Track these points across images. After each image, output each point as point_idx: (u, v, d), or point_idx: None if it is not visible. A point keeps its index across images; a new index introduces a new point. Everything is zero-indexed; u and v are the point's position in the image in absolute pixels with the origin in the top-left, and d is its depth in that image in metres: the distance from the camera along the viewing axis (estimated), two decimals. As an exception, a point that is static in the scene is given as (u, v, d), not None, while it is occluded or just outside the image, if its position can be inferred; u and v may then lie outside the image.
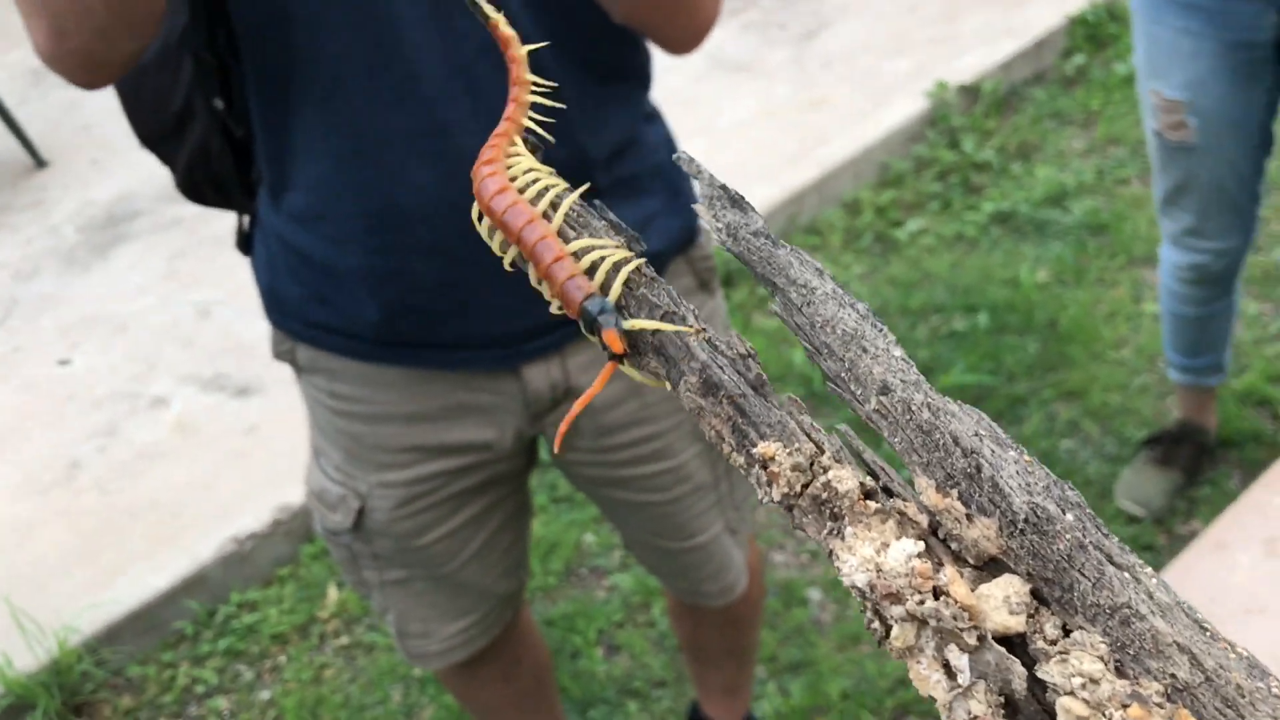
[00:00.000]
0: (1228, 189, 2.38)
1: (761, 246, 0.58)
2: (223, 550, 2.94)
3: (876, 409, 0.51)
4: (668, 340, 0.57)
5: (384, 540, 1.64)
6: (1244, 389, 3.11)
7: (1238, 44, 2.17)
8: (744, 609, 2.04)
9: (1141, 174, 4.10)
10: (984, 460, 0.46)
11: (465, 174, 1.32)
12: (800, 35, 5.04)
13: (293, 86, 1.33)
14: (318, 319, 1.51)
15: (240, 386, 3.44)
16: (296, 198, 1.42)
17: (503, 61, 1.29)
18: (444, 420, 1.55)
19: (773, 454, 0.51)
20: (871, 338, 0.53)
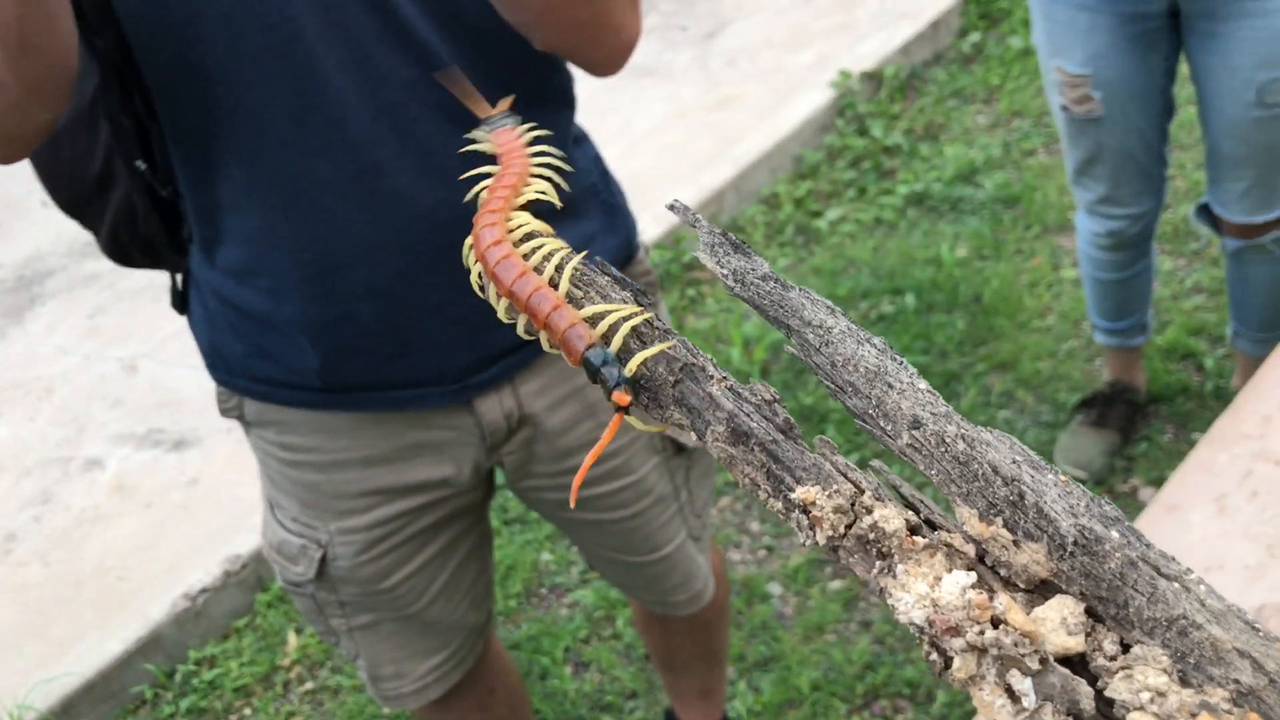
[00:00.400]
0: (1136, 156, 2.45)
1: (771, 290, 0.59)
2: (175, 608, 2.88)
3: (910, 444, 0.51)
4: (690, 392, 0.58)
5: (349, 587, 1.63)
6: (1167, 344, 3.21)
7: (1133, 15, 2.24)
8: (711, 613, 2.06)
9: (1047, 144, 4.20)
10: (1026, 487, 0.48)
11: (399, 215, 1.33)
12: (702, 36, 5.08)
13: (216, 142, 1.31)
14: (262, 373, 1.49)
15: (176, 440, 3.38)
16: (230, 252, 1.41)
17: (428, 97, 1.31)
18: (400, 461, 1.54)
19: (813, 499, 0.52)
20: (895, 372, 0.54)
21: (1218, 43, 2.19)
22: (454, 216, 1.35)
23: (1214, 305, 3.33)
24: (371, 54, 1.28)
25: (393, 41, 1.28)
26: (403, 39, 1.28)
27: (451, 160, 1.30)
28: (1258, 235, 2.48)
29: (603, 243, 1.56)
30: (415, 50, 1.29)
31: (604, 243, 1.56)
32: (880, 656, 2.60)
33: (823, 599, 2.75)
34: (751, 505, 3.03)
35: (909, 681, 2.53)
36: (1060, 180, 3.97)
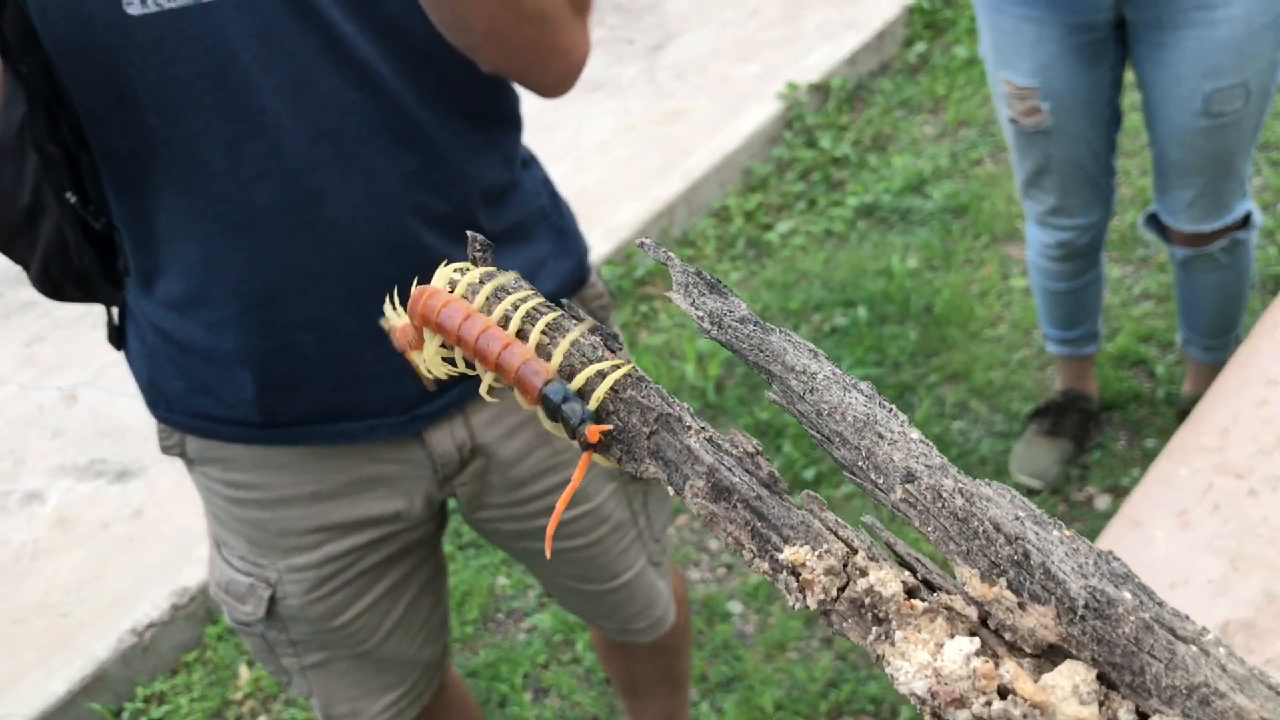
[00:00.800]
0: (1085, 166, 2.46)
1: (751, 334, 0.56)
2: (121, 645, 2.80)
3: (904, 498, 0.49)
4: (666, 443, 0.55)
5: (300, 625, 1.58)
6: (1118, 352, 3.23)
7: (1079, 26, 2.25)
8: (673, 638, 2.02)
9: (993, 153, 4.22)
10: (1031, 545, 0.45)
11: (341, 243, 1.29)
12: (648, 49, 5.07)
13: (149, 171, 1.26)
14: (203, 409, 1.44)
15: (119, 470, 3.29)
16: (168, 285, 1.36)
17: (370, 120, 1.27)
18: (348, 496, 1.49)
19: (803, 560, 0.49)
20: (885, 421, 0.51)
21: (1165, 52, 2.20)
22: (398, 243, 1.32)
23: (1162, 312, 3.35)
24: (310, 76, 1.23)
25: (333, 63, 1.23)
26: (343, 60, 1.24)
27: (394, 185, 1.30)
28: (1206, 244, 2.50)
29: (554, 266, 1.52)
30: (356, 71, 1.25)
31: (555, 266, 1.53)
32: (843, 673, 2.58)
33: (784, 616, 2.72)
34: (709, 523, 3.01)
35: (872, 698, 2.51)
36: (1007, 190, 3.99)
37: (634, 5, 5.47)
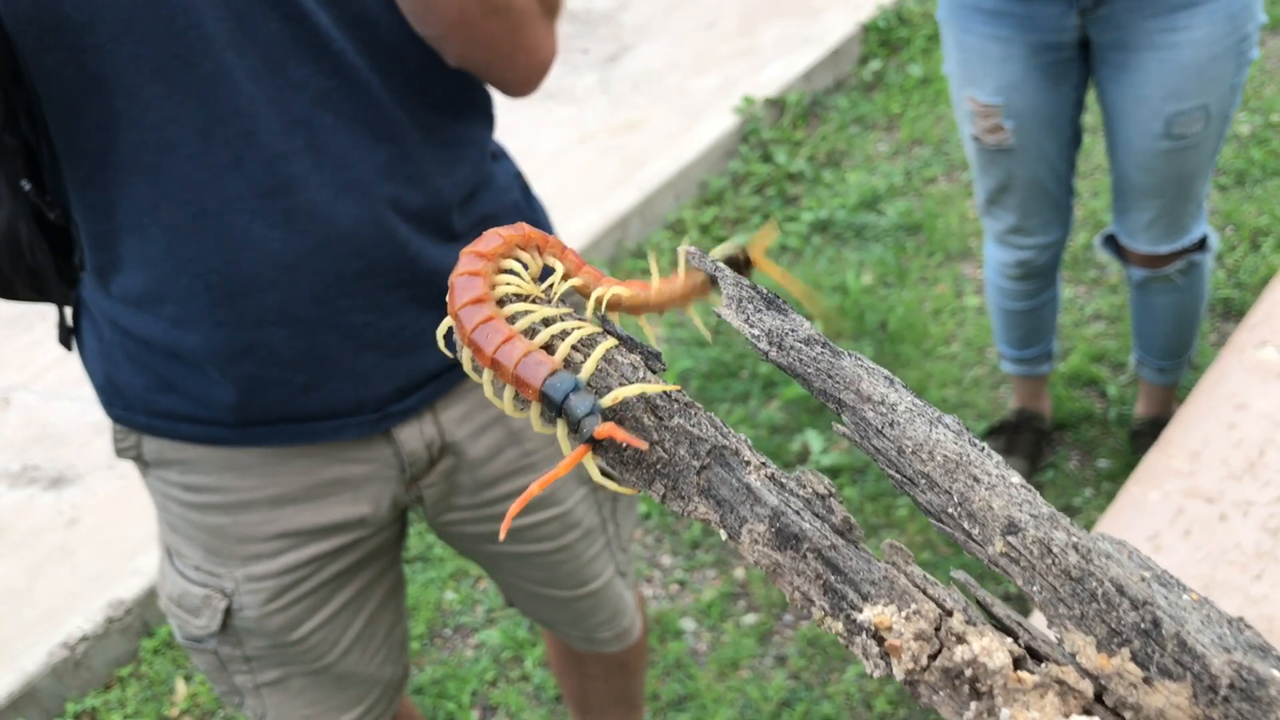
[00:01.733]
0: (1046, 186, 2.45)
1: (819, 357, 0.50)
2: (53, 658, 2.70)
3: (1004, 552, 0.43)
4: (720, 480, 0.48)
5: (256, 639, 1.51)
6: (1070, 371, 3.23)
7: (1044, 45, 2.24)
8: (631, 655, 2.00)
9: (947, 172, 4.23)
10: (1161, 612, 0.39)
11: (314, 234, 1.25)
12: (604, 59, 5.03)
13: (115, 158, 1.22)
14: (165, 407, 1.38)
15: (54, 477, 3.19)
16: (129, 279, 1.30)
17: (344, 110, 1.25)
18: (313, 501, 1.44)
19: (889, 623, 0.43)
20: (979, 462, 0.45)
21: (1128, 74, 2.20)
22: (374, 235, 1.29)
23: (1114, 332, 3.37)
24: (284, 63, 1.21)
25: (306, 51, 1.21)
26: (317, 49, 1.22)
27: (368, 176, 1.27)
28: (1163, 265, 2.50)
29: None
30: (330, 60, 1.23)
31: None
32: (796, 692, 2.55)
33: (737, 634, 2.69)
34: (662, 538, 2.97)
35: (826, 717, 2.48)
36: (961, 208, 4.00)
37: (590, 15, 5.44)
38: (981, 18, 2.25)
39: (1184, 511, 1.44)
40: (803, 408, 3.25)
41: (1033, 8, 2.19)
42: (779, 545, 0.48)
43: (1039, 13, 2.19)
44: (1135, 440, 2.94)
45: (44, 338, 3.76)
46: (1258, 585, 1.39)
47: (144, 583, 2.85)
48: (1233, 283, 3.47)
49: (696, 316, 0.65)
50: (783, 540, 0.48)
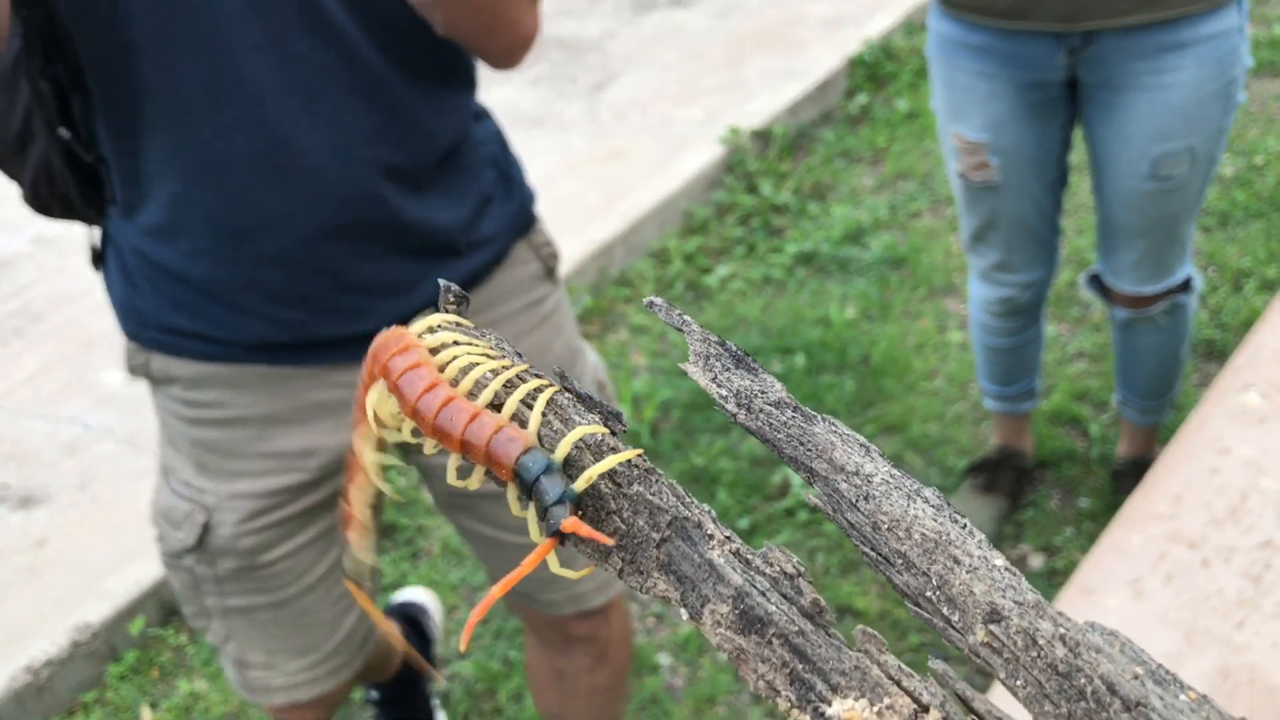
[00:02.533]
0: (1031, 224, 2.45)
1: (790, 422, 0.47)
2: (15, 682, 2.65)
3: (986, 642, 0.40)
4: (681, 555, 0.45)
5: (227, 559, 1.64)
6: (1053, 410, 3.22)
7: (1032, 84, 2.24)
8: (612, 679, 1.99)
9: (932, 206, 4.23)
10: (1156, 716, 0.36)
11: (306, 188, 1.43)
12: (591, 87, 5.03)
13: (140, 113, 1.40)
14: (174, 324, 1.55)
15: (23, 497, 3.13)
16: (151, 214, 1.48)
17: (340, 79, 1.39)
18: (299, 423, 1.58)
19: (859, 718, 0.41)
20: (960, 541, 0.42)
21: (1115, 114, 2.20)
22: (359, 192, 1.45)
23: (1097, 371, 3.36)
24: (287, 38, 1.36)
25: (309, 26, 1.37)
26: (318, 24, 1.37)
27: (359, 139, 1.44)
28: (1147, 306, 2.50)
29: (499, 208, 1.61)
30: (329, 34, 1.38)
31: (500, 208, 1.61)
32: (772, 731, 2.51)
33: (714, 669, 2.66)
34: (640, 570, 2.94)
35: (802, 757, 2.45)
36: (946, 243, 4.00)
37: (578, 43, 5.45)
38: (969, 54, 2.25)
39: (1166, 556, 1.42)
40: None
41: (1020, 46, 2.19)
42: (743, 629, 0.45)
43: (1027, 51, 2.19)
44: (1117, 480, 2.93)
45: (18, 354, 3.72)
46: (1240, 633, 1.37)
47: (112, 606, 2.80)
48: (1215, 324, 3.47)
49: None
50: (747, 623, 0.45)
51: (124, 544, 2.95)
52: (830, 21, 5.34)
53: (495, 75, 5.16)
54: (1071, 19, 2.10)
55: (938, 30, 2.31)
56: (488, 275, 1.61)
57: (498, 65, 1.51)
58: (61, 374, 3.57)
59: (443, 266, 1.55)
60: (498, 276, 1.62)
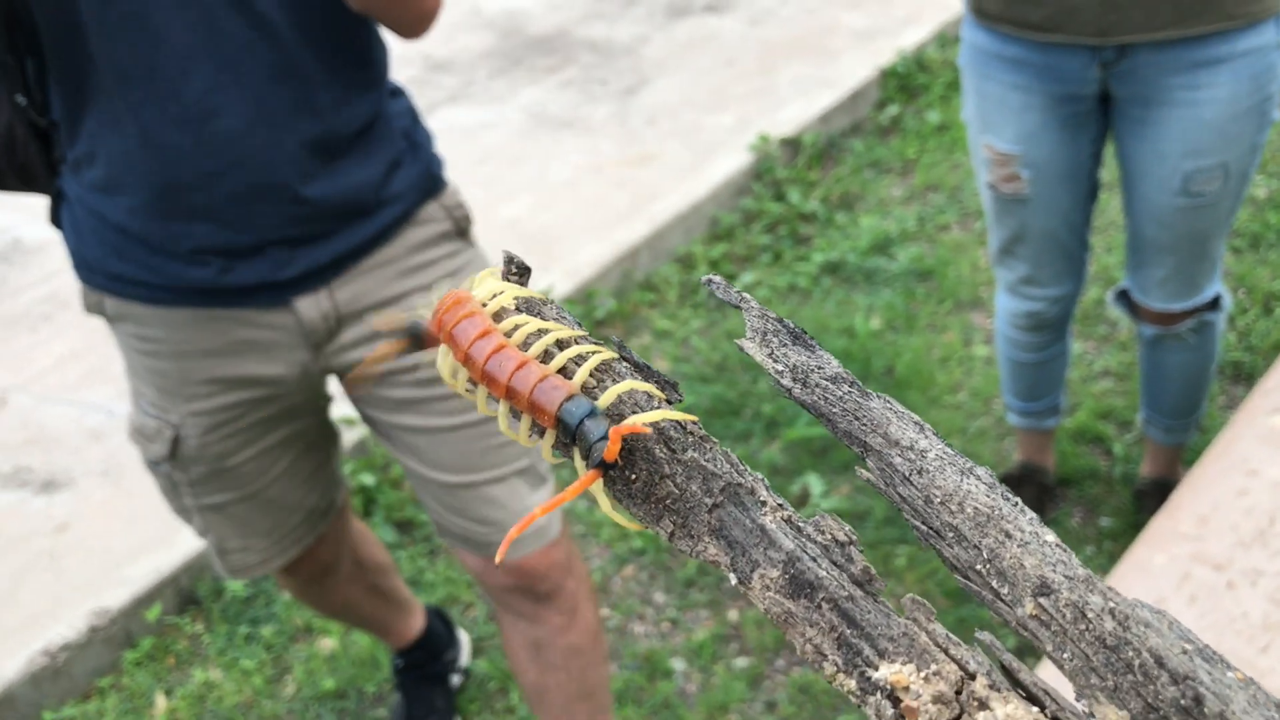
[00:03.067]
0: (1060, 238, 2.43)
1: (845, 397, 0.48)
2: (32, 664, 2.66)
3: (1034, 614, 0.40)
4: (733, 520, 0.46)
5: (198, 466, 1.86)
6: (1076, 427, 3.20)
7: (1065, 97, 2.23)
8: (583, 637, 2.04)
9: (961, 219, 4.22)
10: (1204, 689, 0.36)
11: (232, 151, 1.63)
12: (621, 91, 5.04)
13: (87, 84, 1.58)
14: (118, 271, 1.73)
15: (45, 481, 3.16)
16: (96, 172, 1.66)
17: (263, 58, 1.59)
18: (232, 356, 1.77)
19: (905, 682, 0.41)
20: (1012, 517, 0.42)
21: (1147, 129, 2.18)
22: (279, 157, 1.63)
23: (1122, 390, 3.34)
24: (216, 19, 1.55)
25: (235, 8, 1.55)
26: (244, 7, 1.55)
27: (278, 111, 1.62)
28: (1175, 323, 2.48)
29: (406, 170, 1.77)
30: (254, 17, 1.56)
31: (407, 171, 1.77)
32: (784, 739, 2.50)
33: (728, 676, 2.65)
34: (656, 575, 2.93)
35: (813, 767, 2.44)
36: (973, 256, 3.98)
37: (610, 46, 5.45)
38: (1002, 65, 2.24)
39: (1190, 577, 1.40)
40: (805, 450, 3.22)
41: (1054, 58, 2.17)
42: (792, 593, 0.45)
43: (1060, 64, 2.18)
44: (1139, 500, 2.90)
45: (46, 339, 3.74)
46: (1264, 658, 1.35)
47: (130, 593, 2.81)
48: (1244, 346, 3.44)
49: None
50: (797, 588, 0.45)
51: (144, 531, 2.97)
52: (864, 32, 5.33)
53: (524, 78, 5.17)
54: (1106, 32, 2.09)
55: (971, 41, 2.30)
56: (396, 231, 1.77)
57: (405, 35, 1.68)
58: (88, 360, 3.59)
59: (355, 223, 1.72)
60: (407, 233, 1.78)
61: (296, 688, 2.72)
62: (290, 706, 2.68)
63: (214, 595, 2.93)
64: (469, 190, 2.19)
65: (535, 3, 5.97)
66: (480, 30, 5.73)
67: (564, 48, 5.47)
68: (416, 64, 5.37)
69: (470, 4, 6.00)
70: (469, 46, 5.56)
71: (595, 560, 2.98)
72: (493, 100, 5.02)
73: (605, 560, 2.98)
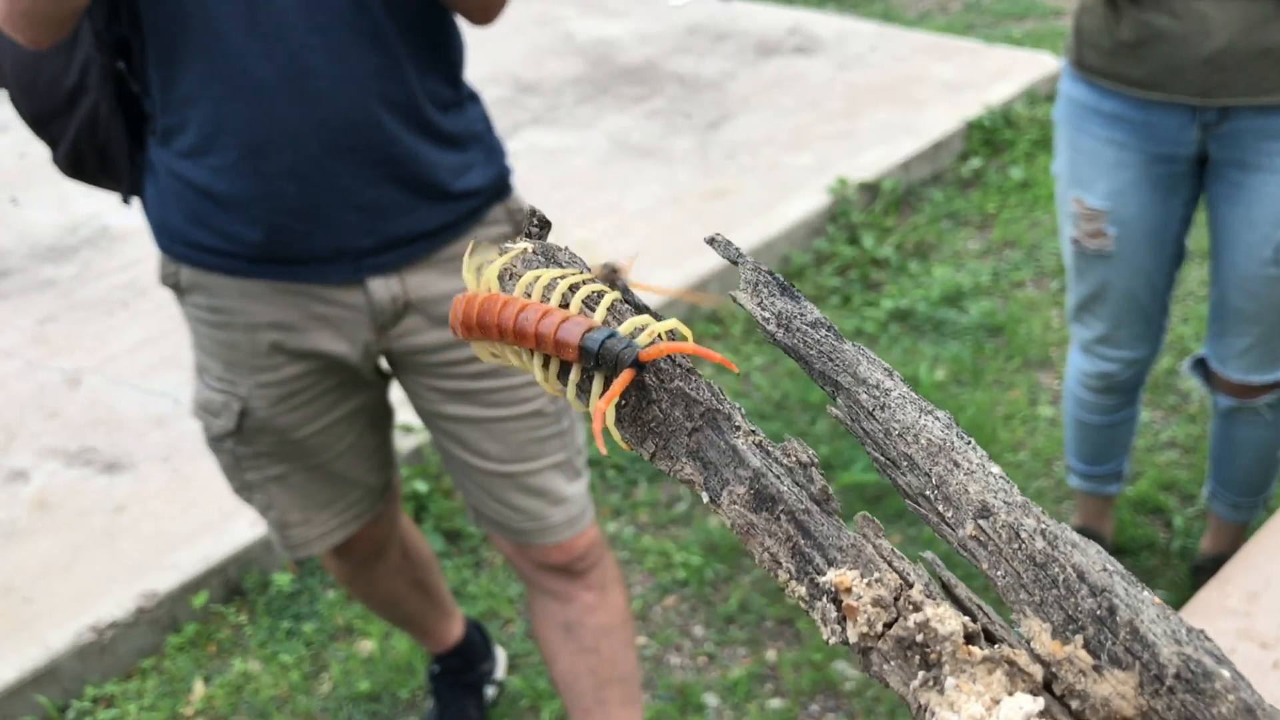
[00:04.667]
0: (1140, 299, 2.39)
1: (822, 340, 0.52)
2: (79, 640, 2.71)
3: (974, 535, 0.44)
4: (709, 442, 0.50)
5: (264, 437, 1.91)
6: (1137, 496, 3.14)
7: (1160, 156, 2.20)
8: (614, 616, 2.10)
9: (1036, 278, 4.17)
10: (1118, 600, 0.39)
11: (321, 110, 1.69)
12: (705, 125, 5.06)
13: (181, 43, 1.64)
14: (198, 239, 1.78)
15: (109, 462, 3.22)
16: (185, 138, 1.71)
17: (352, 23, 1.66)
18: (304, 330, 1.83)
19: (848, 584, 0.44)
20: (962, 450, 0.46)
21: (1242, 194, 2.14)
22: (364, 118, 1.70)
23: (1188, 463, 3.27)
24: None
25: None
26: None
27: (365, 73, 1.69)
28: (1253, 396, 2.42)
29: (481, 170, 1.85)
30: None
31: (482, 170, 1.85)
32: (816, 785, 2.46)
33: (760, 717, 2.62)
34: (697, 607, 2.91)
35: (843, 816, 2.39)
36: (1046, 316, 3.93)
37: (696, 80, 5.49)
38: (1099, 120, 2.21)
39: (1235, 653, 1.36)
40: (858, 495, 3.18)
41: (1153, 116, 2.15)
42: (755, 507, 0.49)
43: (1159, 122, 2.15)
44: (1196, 576, 2.83)
45: (123, 324, 3.83)
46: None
47: (180, 577, 2.85)
48: (1320, 427, 3.35)
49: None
50: (759, 502, 0.49)
51: (197, 518, 3.01)
52: (952, 84, 5.31)
53: (610, 105, 5.22)
54: (1209, 94, 2.06)
55: (1069, 94, 2.28)
56: (466, 227, 1.85)
57: (476, 20, 1.76)
58: (160, 348, 3.67)
59: (431, 204, 1.79)
60: (476, 231, 1.86)
61: (332, 686, 2.73)
62: (324, 705, 2.69)
63: (260, 588, 2.96)
64: (546, 212, 2.21)
65: (627, 33, 6.03)
66: (571, 56, 5.80)
67: (652, 79, 5.52)
68: (506, 84, 5.44)
69: (563, 30, 6.08)
70: (558, 71, 5.63)
71: (637, 588, 2.97)
72: (577, 125, 5.07)
73: (647, 588, 2.96)
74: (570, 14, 6.29)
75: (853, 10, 6.61)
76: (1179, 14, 2.04)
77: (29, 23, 1.54)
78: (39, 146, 2.23)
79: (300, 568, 3.01)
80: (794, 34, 5.94)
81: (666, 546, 3.06)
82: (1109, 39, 2.13)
